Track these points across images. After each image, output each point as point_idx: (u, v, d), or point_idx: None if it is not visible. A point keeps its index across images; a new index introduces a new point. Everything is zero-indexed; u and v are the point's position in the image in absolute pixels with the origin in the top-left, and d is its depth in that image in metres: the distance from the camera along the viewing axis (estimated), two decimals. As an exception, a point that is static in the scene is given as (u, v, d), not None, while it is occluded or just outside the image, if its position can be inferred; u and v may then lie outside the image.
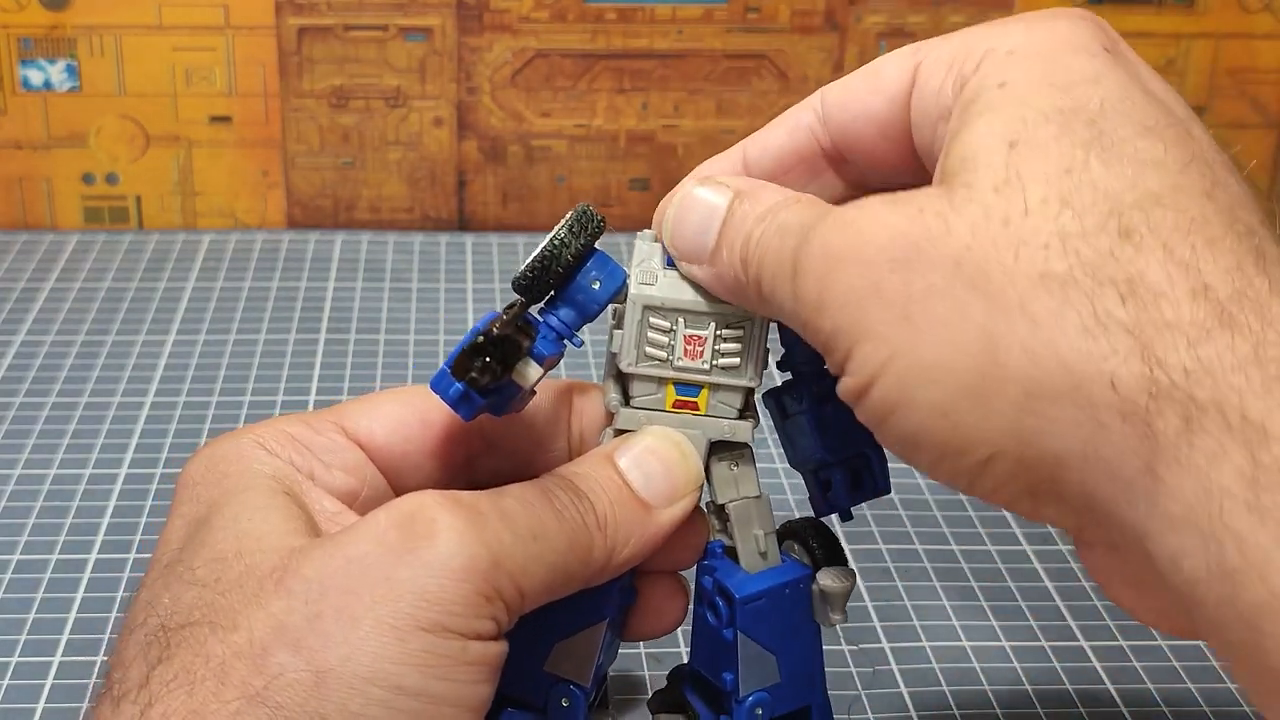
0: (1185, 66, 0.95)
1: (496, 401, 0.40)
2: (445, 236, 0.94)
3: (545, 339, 0.41)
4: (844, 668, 0.54)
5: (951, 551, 0.62)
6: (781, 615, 0.43)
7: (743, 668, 0.42)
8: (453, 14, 0.91)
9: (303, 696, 0.34)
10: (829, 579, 0.43)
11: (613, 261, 0.41)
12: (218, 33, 0.90)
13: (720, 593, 0.43)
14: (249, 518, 0.38)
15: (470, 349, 0.38)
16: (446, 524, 0.36)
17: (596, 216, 0.41)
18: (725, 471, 0.43)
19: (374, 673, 0.35)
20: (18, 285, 0.85)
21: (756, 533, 0.43)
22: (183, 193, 0.93)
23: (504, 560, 0.36)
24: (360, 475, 0.42)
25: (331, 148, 0.93)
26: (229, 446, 0.41)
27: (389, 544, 0.36)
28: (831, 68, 0.93)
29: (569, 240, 0.40)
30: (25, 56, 0.90)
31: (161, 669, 0.35)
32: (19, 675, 0.53)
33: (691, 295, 0.41)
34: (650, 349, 0.41)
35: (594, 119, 0.94)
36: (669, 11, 0.92)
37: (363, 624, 0.35)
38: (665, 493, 0.41)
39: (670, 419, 0.42)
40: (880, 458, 0.44)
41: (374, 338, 0.80)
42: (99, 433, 0.69)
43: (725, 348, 0.41)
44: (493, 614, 0.36)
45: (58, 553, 0.60)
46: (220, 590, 0.36)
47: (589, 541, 0.39)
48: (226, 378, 0.75)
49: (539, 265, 0.40)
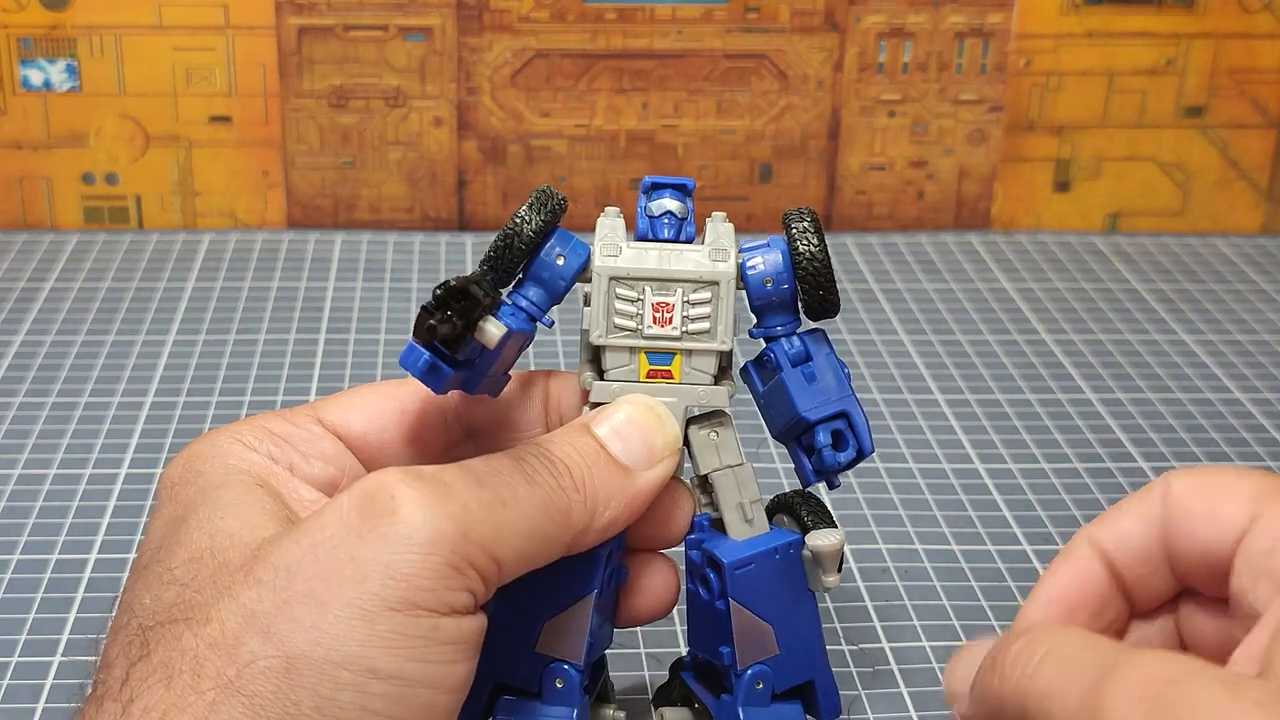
0: (1185, 66, 0.95)
1: (468, 377, 0.40)
2: (445, 236, 0.94)
3: (514, 316, 0.41)
4: (844, 668, 0.54)
5: (951, 551, 0.62)
6: (773, 581, 0.42)
7: (738, 639, 0.42)
8: (453, 14, 0.91)
9: (275, 684, 0.34)
10: (818, 539, 0.42)
11: (575, 238, 0.42)
12: (218, 33, 0.90)
13: (710, 563, 0.42)
14: (222, 515, 0.38)
15: (430, 303, 0.38)
16: (407, 497, 0.36)
17: (557, 195, 0.42)
18: (705, 440, 0.43)
19: (344, 657, 0.34)
20: (18, 285, 0.85)
21: (741, 501, 0.43)
22: (183, 193, 0.93)
23: (472, 529, 0.36)
24: (339, 464, 0.42)
25: (331, 148, 0.93)
26: (206, 445, 0.41)
27: (351, 524, 0.36)
28: (831, 68, 0.93)
29: (529, 216, 0.41)
30: (25, 56, 0.90)
31: (140, 666, 0.35)
32: (19, 675, 0.53)
33: (656, 263, 0.41)
34: (619, 319, 0.42)
35: (594, 119, 0.94)
36: (669, 11, 0.92)
37: (330, 608, 0.35)
38: (643, 455, 0.41)
39: (645, 389, 0.42)
40: (861, 416, 0.43)
41: (374, 338, 0.80)
42: (99, 433, 0.69)
43: (694, 312, 0.42)
44: (466, 585, 0.36)
45: (58, 553, 0.60)
46: (196, 588, 0.36)
47: (566, 504, 0.39)
48: (226, 378, 0.75)
49: (501, 243, 0.41)
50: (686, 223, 0.42)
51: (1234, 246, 0.96)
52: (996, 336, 0.82)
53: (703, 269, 0.41)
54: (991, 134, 0.95)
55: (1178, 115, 0.96)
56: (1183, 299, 0.88)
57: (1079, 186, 0.97)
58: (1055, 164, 0.97)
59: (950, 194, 0.97)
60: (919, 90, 0.94)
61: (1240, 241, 0.97)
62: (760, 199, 0.95)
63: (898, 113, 0.95)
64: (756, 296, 0.42)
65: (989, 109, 0.95)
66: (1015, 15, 0.93)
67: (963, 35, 0.93)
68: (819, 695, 0.44)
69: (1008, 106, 0.95)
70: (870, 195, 0.96)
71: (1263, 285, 0.90)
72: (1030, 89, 0.95)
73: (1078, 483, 0.67)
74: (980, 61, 0.94)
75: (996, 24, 0.93)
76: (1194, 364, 0.79)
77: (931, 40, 0.93)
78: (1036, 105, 0.95)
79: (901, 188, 0.96)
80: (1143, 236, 0.97)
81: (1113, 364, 0.79)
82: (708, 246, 0.42)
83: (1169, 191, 0.98)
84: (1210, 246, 0.96)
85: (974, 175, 0.96)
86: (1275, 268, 0.93)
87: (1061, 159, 0.97)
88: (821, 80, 0.93)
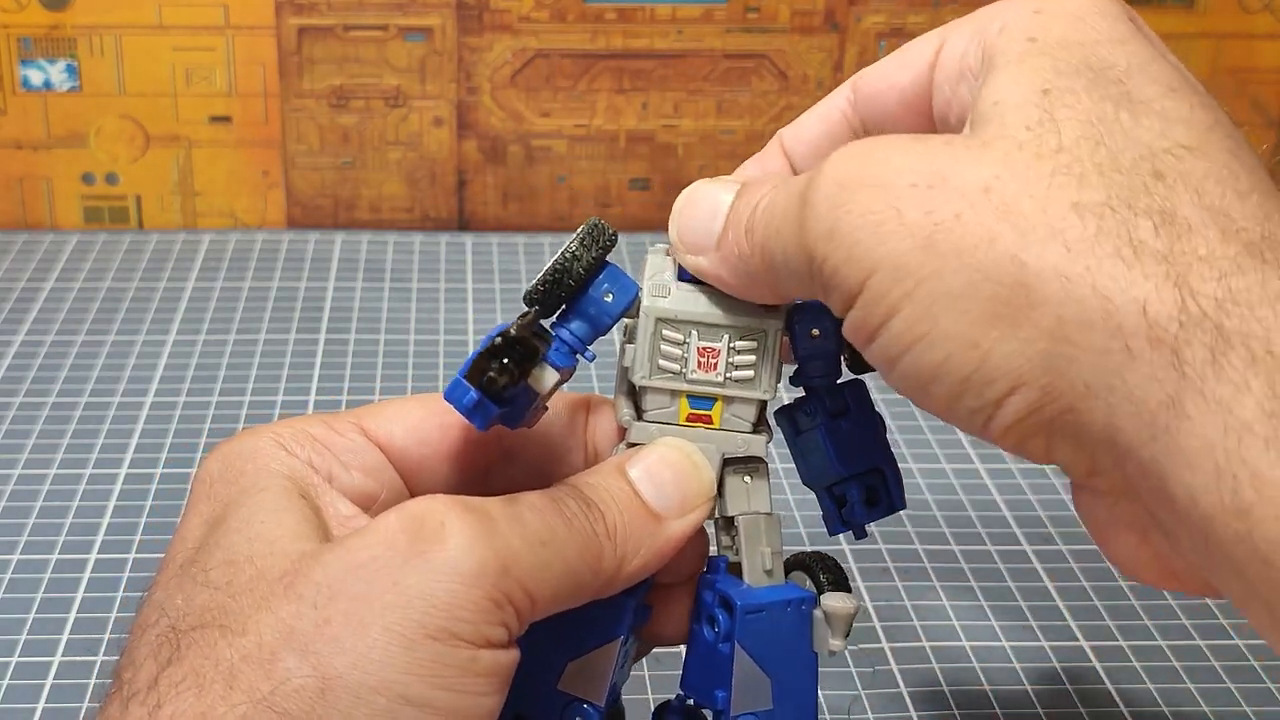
0: (1185, 66, 0.95)
1: (511, 412, 0.39)
2: (445, 236, 0.94)
3: (558, 352, 0.41)
4: (844, 668, 0.54)
5: (951, 551, 0.62)
6: (781, 634, 0.42)
7: (736, 686, 0.42)
8: (453, 14, 0.91)
9: (308, 703, 0.34)
10: (833, 600, 0.42)
11: (625, 275, 0.41)
12: (218, 33, 0.90)
13: (722, 603, 0.42)
14: (263, 520, 0.38)
15: (488, 350, 0.37)
16: (456, 528, 0.36)
17: (608, 230, 0.41)
18: (739, 484, 0.42)
19: (380, 681, 0.34)
20: (18, 285, 0.85)
21: (764, 550, 0.42)
22: (183, 193, 0.93)
23: (513, 565, 0.36)
24: (379, 478, 0.41)
25: (331, 148, 0.93)
26: (248, 444, 0.40)
27: (398, 548, 0.35)
28: (831, 68, 0.93)
29: (580, 253, 0.40)
30: (25, 56, 0.90)
31: (171, 670, 0.35)
32: (19, 675, 0.53)
33: (705, 307, 0.41)
34: (664, 361, 0.41)
35: (594, 119, 0.94)
36: (669, 11, 0.92)
37: (370, 630, 0.34)
38: (676, 503, 0.40)
39: (684, 433, 0.41)
40: (895, 473, 0.43)
41: (374, 338, 0.80)
42: (99, 433, 0.69)
43: (739, 360, 0.41)
44: (503, 620, 0.36)
45: (58, 553, 0.60)
46: (231, 593, 0.36)
47: (599, 550, 0.38)
48: (226, 378, 0.75)
49: (551, 278, 0.40)
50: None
51: (1234, 246, 0.96)
52: (996, 336, 0.82)
53: (751, 317, 0.41)
54: (991, 134, 0.95)
55: (1178, 115, 0.96)
56: (1183, 299, 0.88)
57: (1079, 186, 0.97)
58: (1055, 164, 0.97)
59: (950, 194, 0.96)
60: (919, 90, 0.94)
61: (1240, 241, 0.97)
62: (760, 199, 0.95)
63: (898, 113, 0.94)
64: (802, 347, 0.42)
65: (989, 109, 0.95)
66: (1015, 15, 0.93)
67: (963, 35, 0.93)
68: None
69: (1008, 106, 0.95)
70: (870, 195, 0.96)
71: (1263, 285, 0.90)
72: (1030, 89, 0.95)
73: (1078, 483, 0.67)
74: (980, 61, 0.94)
75: (996, 24, 0.93)
76: (1194, 364, 0.79)
77: (931, 40, 0.93)
78: (1036, 105, 0.95)
79: (901, 188, 0.96)
80: (1143, 236, 0.97)
81: (1113, 364, 0.79)
82: None
83: (1169, 191, 0.98)
84: (1210, 246, 0.96)
85: (974, 175, 0.96)
86: (1275, 268, 0.93)
87: (1061, 159, 0.96)
88: (821, 80, 0.93)
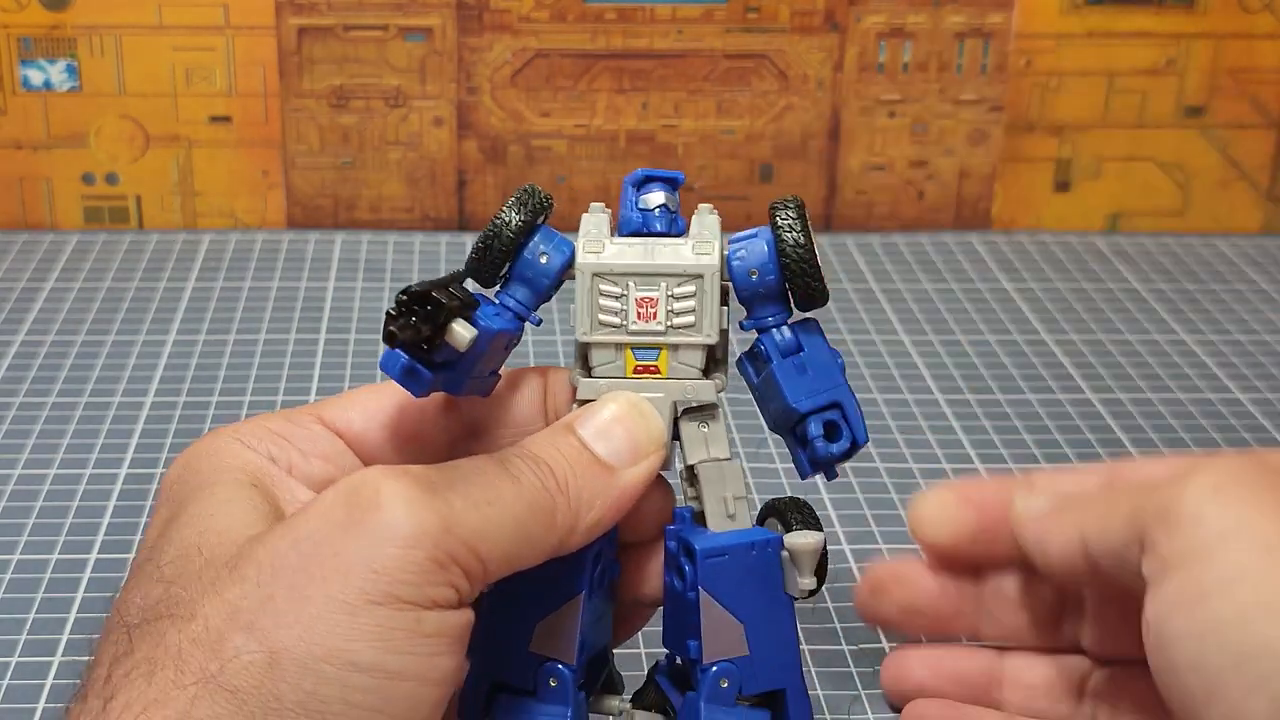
0: (1185, 66, 0.95)
1: (451, 377, 0.40)
2: (445, 236, 0.94)
3: (499, 316, 0.41)
4: (844, 668, 0.54)
5: (951, 551, 0.62)
6: (747, 577, 0.42)
7: (706, 632, 0.42)
8: (453, 14, 0.91)
9: (258, 678, 0.34)
10: (797, 538, 0.42)
11: (559, 235, 0.42)
12: (218, 33, 0.90)
13: (684, 551, 0.42)
14: (212, 513, 0.38)
15: (392, 310, 0.38)
16: (391, 492, 0.36)
17: (539, 193, 0.41)
18: (695, 431, 0.43)
19: (326, 650, 0.34)
20: (18, 285, 0.85)
21: (725, 495, 0.42)
22: (183, 193, 0.93)
23: (455, 525, 0.36)
24: (338, 463, 0.42)
25: (331, 148, 0.93)
26: (205, 445, 0.41)
27: (335, 519, 0.36)
28: (831, 68, 0.93)
29: (509, 216, 0.41)
30: (25, 56, 0.90)
31: (123, 662, 0.35)
32: (19, 675, 0.53)
33: (639, 259, 0.41)
34: (603, 316, 0.41)
35: (594, 119, 0.94)
36: (669, 11, 0.92)
37: (313, 601, 0.35)
38: (627, 452, 0.41)
39: (631, 385, 0.42)
40: (854, 406, 0.42)
41: (374, 338, 0.80)
42: (99, 433, 0.69)
43: (679, 305, 0.41)
44: (449, 580, 0.36)
45: (58, 553, 0.60)
46: (182, 584, 0.36)
47: (550, 505, 0.39)
48: (226, 378, 0.75)
49: (482, 243, 0.41)
50: (678, 216, 0.42)
51: (1234, 246, 0.96)
52: (996, 336, 0.82)
53: (686, 262, 0.41)
54: (992, 134, 0.95)
55: (1178, 115, 0.96)
56: (1183, 299, 0.88)
57: (1079, 186, 0.97)
58: (1055, 164, 0.97)
59: (950, 194, 0.97)
60: (919, 90, 0.94)
61: (1240, 241, 0.97)
62: (760, 199, 0.95)
63: (898, 113, 0.95)
64: (743, 288, 0.42)
65: (989, 109, 0.95)
66: (1015, 15, 0.93)
67: (963, 35, 0.93)
68: (790, 706, 0.43)
69: (1008, 106, 0.95)
70: (870, 195, 0.96)
71: (1263, 285, 0.90)
72: (1030, 89, 0.95)
73: (1078, 483, 0.67)
74: (980, 61, 0.94)
75: (996, 24, 0.93)
76: (1194, 364, 0.79)
77: (932, 40, 0.93)
78: (1037, 105, 0.95)
79: (902, 188, 0.96)
80: (1143, 236, 0.97)
81: (1113, 364, 0.79)
82: (691, 239, 0.42)
83: (1169, 191, 0.98)
84: (1210, 246, 0.96)
85: (974, 175, 0.96)
86: (1275, 268, 0.93)
87: (1062, 159, 0.96)
88: (821, 80, 0.93)
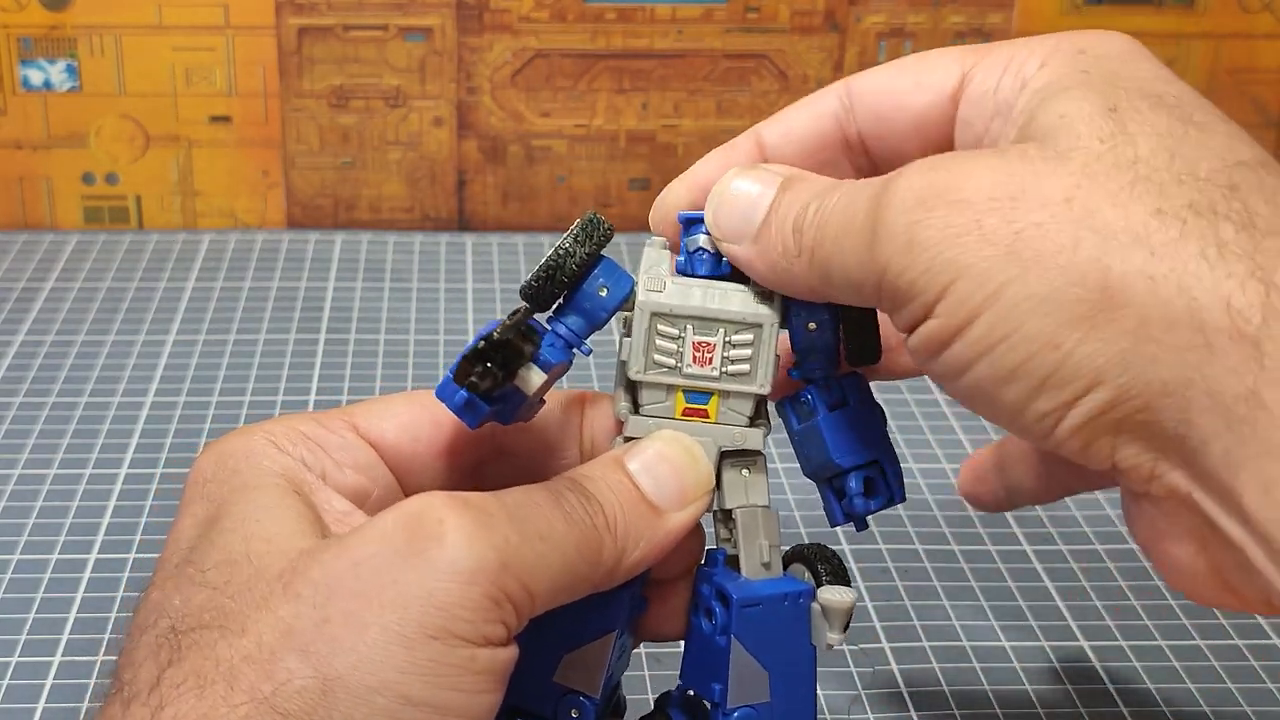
0: (1185, 66, 0.95)
1: (502, 410, 0.39)
2: (445, 236, 0.94)
3: (553, 347, 0.40)
4: (844, 668, 0.54)
5: (951, 551, 0.62)
6: (778, 627, 0.42)
7: (732, 679, 0.42)
8: (453, 14, 0.91)
9: (310, 703, 0.34)
10: (830, 594, 0.42)
11: (620, 268, 0.41)
12: (218, 33, 0.90)
13: (718, 596, 0.42)
14: (258, 518, 0.38)
15: (472, 354, 0.37)
16: (454, 525, 0.36)
17: (604, 224, 0.40)
18: (736, 477, 0.42)
19: (380, 682, 0.34)
20: (18, 285, 0.85)
21: (761, 542, 0.42)
22: (183, 193, 0.93)
23: (512, 562, 0.36)
24: (372, 475, 0.41)
25: (331, 148, 0.93)
26: (240, 443, 0.40)
27: (396, 546, 0.35)
28: (831, 68, 0.93)
29: (574, 248, 0.40)
30: (25, 56, 0.90)
31: (172, 671, 0.35)
32: (19, 675, 0.53)
33: (700, 301, 0.41)
34: (658, 356, 0.41)
35: (594, 119, 0.94)
36: (669, 11, 0.92)
37: (370, 630, 0.34)
38: (675, 496, 0.40)
39: (680, 427, 0.41)
40: (894, 466, 0.43)
41: (374, 338, 0.80)
42: (99, 433, 0.69)
43: (735, 354, 0.41)
44: (501, 618, 0.36)
45: (58, 553, 0.60)
46: (230, 594, 0.36)
47: (598, 543, 0.38)
48: (226, 378, 0.75)
49: (544, 273, 0.40)
50: (722, 258, 0.42)
51: (1234, 246, 0.96)
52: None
53: (746, 311, 0.41)
54: (991, 134, 0.95)
55: (1178, 115, 0.96)
56: (1183, 299, 0.88)
57: (1079, 186, 0.97)
58: (1055, 164, 0.97)
59: (950, 194, 0.96)
60: (919, 90, 0.94)
61: (1240, 241, 0.97)
62: (760, 199, 0.95)
63: (898, 113, 0.94)
64: (799, 340, 0.42)
65: (989, 109, 0.95)
66: (1015, 15, 0.93)
67: (963, 35, 0.93)
68: None
69: (1008, 106, 0.95)
70: (870, 195, 0.96)
71: (1263, 285, 0.90)
72: (1030, 89, 0.95)
73: (1078, 483, 0.67)
74: (980, 61, 0.94)
75: (996, 24, 0.93)
76: (1194, 364, 0.79)
77: (931, 40, 0.93)
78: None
79: (901, 188, 0.96)
80: (1143, 236, 0.97)
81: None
82: (752, 286, 0.41)
83: (1169, 191, 0.98)
84: (1210, 246, 0.96)
85: (974, 175, 0.96)
86: (1275, 268, 0.93)
87: (1061, 159, 0.96)
88: (821, 80, 0.93)
